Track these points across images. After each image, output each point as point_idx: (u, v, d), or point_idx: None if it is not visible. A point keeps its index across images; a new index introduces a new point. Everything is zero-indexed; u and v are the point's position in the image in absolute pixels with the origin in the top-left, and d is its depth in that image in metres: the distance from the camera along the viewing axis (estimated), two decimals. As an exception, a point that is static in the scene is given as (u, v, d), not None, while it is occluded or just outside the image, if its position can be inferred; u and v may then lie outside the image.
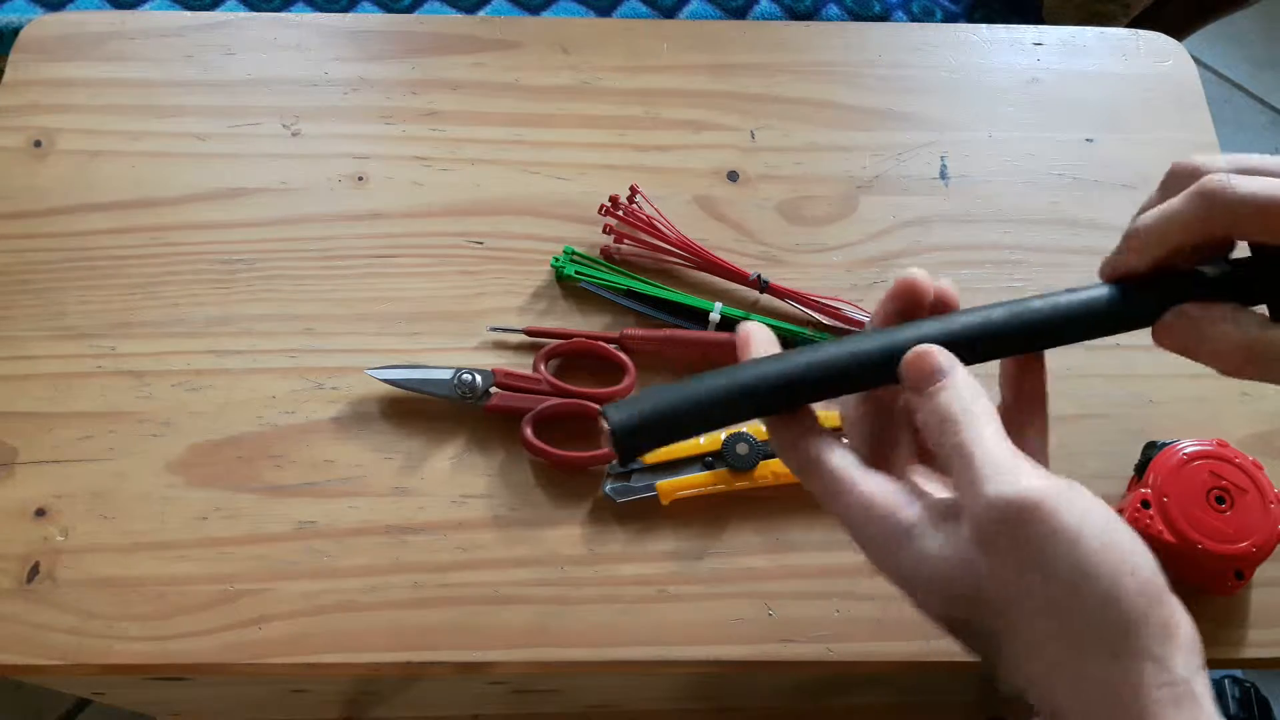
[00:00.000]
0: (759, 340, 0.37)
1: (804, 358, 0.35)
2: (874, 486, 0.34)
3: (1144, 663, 0.29)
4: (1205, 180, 0.34)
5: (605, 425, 0.35)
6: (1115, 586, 0.29)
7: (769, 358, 0.36)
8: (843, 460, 0.35)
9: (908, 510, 0.33)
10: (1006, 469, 0.31)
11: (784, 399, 0.36)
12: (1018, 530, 0.30)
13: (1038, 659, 0.30)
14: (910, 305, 0.37)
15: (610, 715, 0.81)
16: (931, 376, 0.34)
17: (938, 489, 0.35)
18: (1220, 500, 0.49)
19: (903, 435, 0.39)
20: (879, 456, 0.38)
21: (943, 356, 0.34)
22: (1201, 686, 0.29)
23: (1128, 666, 0.29)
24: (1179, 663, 0.29)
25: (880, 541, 0.34)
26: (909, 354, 0.34)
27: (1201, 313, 0.35)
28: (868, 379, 0.36)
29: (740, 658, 0.50)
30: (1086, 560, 0.29)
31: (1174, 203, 0.35)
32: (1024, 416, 0.37)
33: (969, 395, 0.33)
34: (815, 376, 0.35)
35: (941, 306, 0.37)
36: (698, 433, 0.36)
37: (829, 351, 0.35)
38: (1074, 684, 0.30)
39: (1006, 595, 0.30)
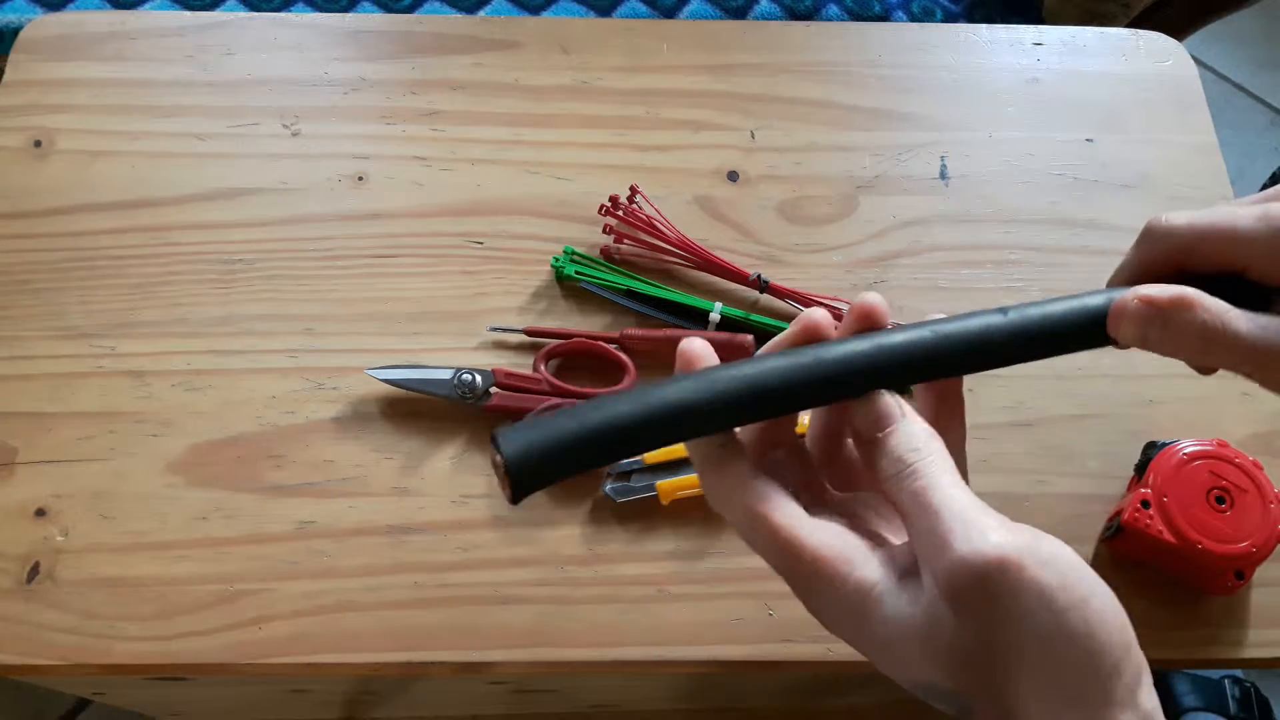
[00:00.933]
0: (704, 360, 0.34)
1: (735, 373, 0.32)
2: (823, 545, 0.32)
3: (1120, 711, 0.29)
4: (1148, 221, 0.36)
5: (496, 456, 0.30)
6: (1090, 642, 0.29)
7: (687, 375, 0.33)
8: (789, 514, 0.32)
9: (865, 570, 0.31)
10: (972, 523, 0.29)
11: (709, 422, 0.32)
12: (990, 589, 0.29)
13: (1010, 714, 0.30)
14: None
15: (610, 715, 0.81)
16: (879, 422, 0.32)
17: (872, 522, 0.35)
18: (1220, 500, 0.49)
19: (818, 473, 0.37)
20: (801, 499, 0.35)
21: (890, 401, 0.33)
22: (1159, 712, 0.30)
23: (1100, 715, 0.29)
24: (1145, 700, 0.29)
25: (837, 608, 0.32)
26: (861, 402, 0.33)
27: (1165, 297, 0.33)
28: (800, 402, 0.33)
29: (740, 658, 0.50)
30: (1061, 618, 0.29)
31: (1128, 251, 0.37)
32: (944, 420, 0.35)
33: (922, 438, 0.32)
34: (750, 394, 0.32)
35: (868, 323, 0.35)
36: (609, 461, 0.32)
37: (750, 371, 0.33)
38: None
39: (977, 655, 0.29)
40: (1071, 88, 0.68)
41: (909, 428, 0.32)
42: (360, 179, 0.61)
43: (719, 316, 0.57)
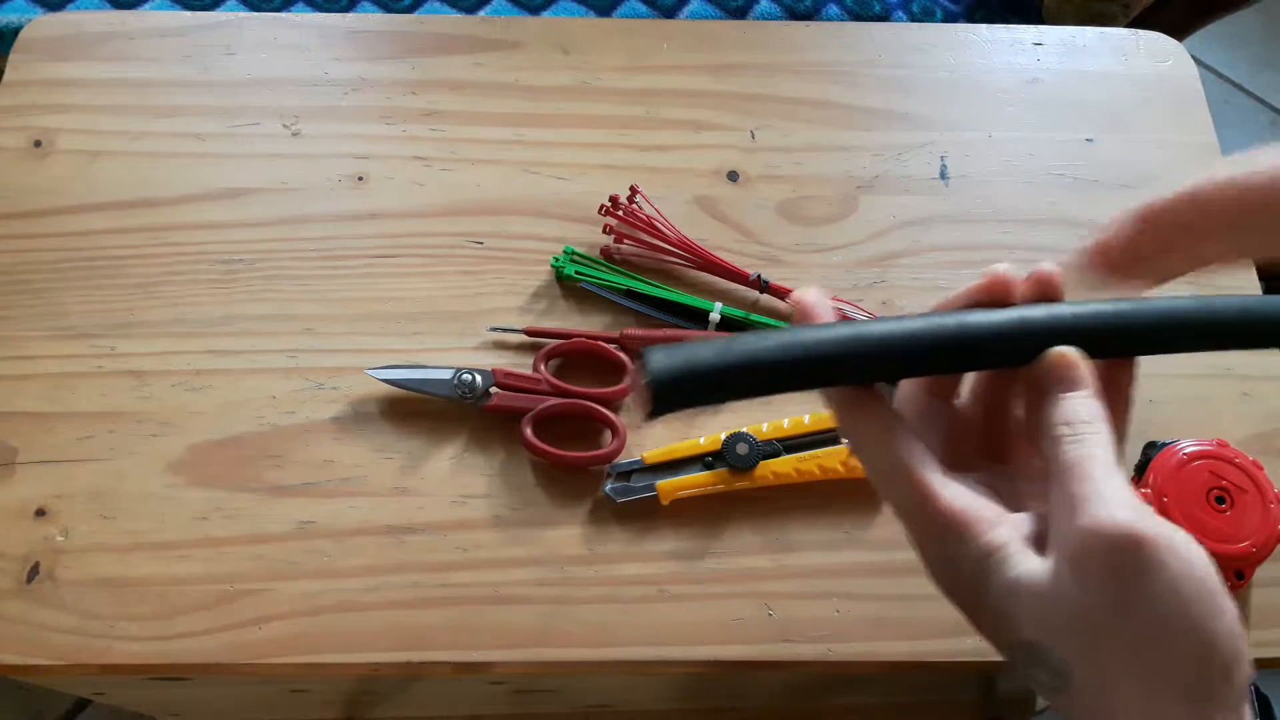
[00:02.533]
0: (822, 311, 0.34)
1: (885, 328, 0.32)
2: (958, 501, 0.32)
3: (1218, 711, 0.29)
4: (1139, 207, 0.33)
5: (642, 373, 0.31)
6: (1207, 634, 0.29)
7: (838, 324, 0.33)
8: (928, 469, 0.32)
9: (995, 531, 0.31)
10: (1117, 498, 0.30)
11: (852, 372, 0.32)
12: (1122, 561, 0.29)
13: (1111, 694, 0.30)
14: (996, 301, 0.35)
15: (610, 715, 0.81)
16: (1069, 384, 0.32)
17: (1015, 499, 0.34)
18: (1220, 500, 0.49)
19: (971, 438, 0.37)
20: (947, 458, 0.35)
21: (1085, 368, 0.33)
22: None
23: (1202, 714, 0.29)
24: (1245, 712, 0.29)
25: (960, 563, 0.32)
26: (1054, 353, 0.33)
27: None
28: (981, 359, 0.33)
29: (740, 658, 0.50)
30: (1186, 604, 0.29)
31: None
32: (1109, 415, 0.34)
33: (1097, 412, 0.32)
34: (899, 350, 0.32)
35: (1041, 291, 0.35)
36: (746, 396, 0.32)
37: (913, 325, 0.32)
38: None
39: (1093, 625, 0.29)
40: (1071, 88, 0.68)
41: (1091, 400, 0.32)
42: (360, 179, 0.61)
43: (719, 316, 0.57)
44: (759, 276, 0.58)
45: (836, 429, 0.35)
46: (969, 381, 0.38)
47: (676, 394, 0.31)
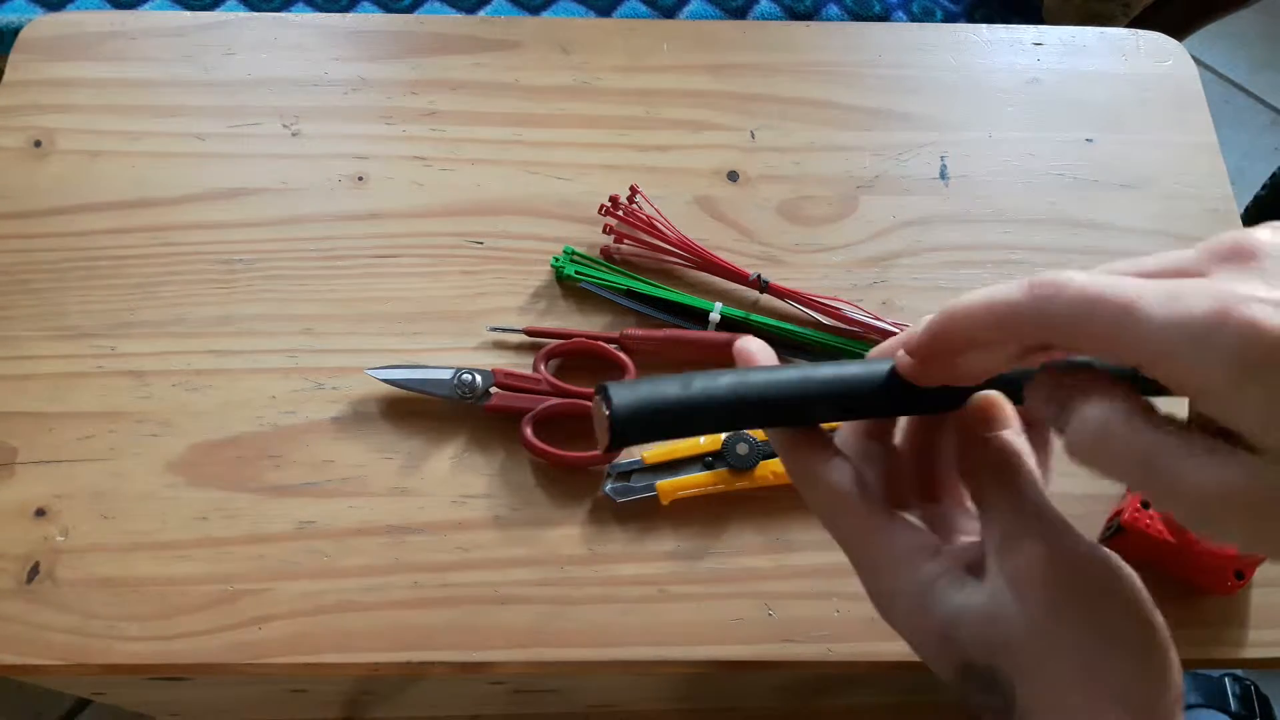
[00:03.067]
0: (762, 358, 0.35)
1: (829, 371, 0.33)
2: (898, 534, 0.33)
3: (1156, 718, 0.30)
4: (1029, 281, 0.27)
5: (603, 408, 0.31)
6: (1140, 645, 0.30)
7: (786, 366, 0.34)
8: (868, 504, 0.34)
9: (934, 561, 0.33)
10: (1056, 523, 0.32)
11: (802, 412, 0.33)
12: (1057, 579, 0.30)
13: (1055, 708, 0.30)
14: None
15: (610, 715, 0.81)
16: (995, 423, 0.34)
17: (950, 533, 0.36)
18: (1220, 500, 0.49)
19: (906, 477, 0.38)
20: (885, 497, 0.36)
21: (1009, 409, 0.34)
22: None
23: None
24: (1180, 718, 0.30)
25: (902, 594, 0.33)
26: (979, 396, 0.34)
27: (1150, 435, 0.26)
28: (917, 404, 0.34)
29: (740, 658, 0.50)
30: (1117, 616, 0.30)
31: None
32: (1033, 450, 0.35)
33: (1025, 448, 0.34)
34: (844, 392, 0.33)
35: None
36: (700, 433, 0.33)
37: (854, 370, 0.33)
38: None
39: (1040, 644, 0.30)
40: (1071, 88, 0.68)
41: (1016, 437, 0.34)
42: (360, 179, 0.61)
43: (719, 316, 0.57)
44: (759, 276, 0.58)
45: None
46: (901, 425, 0.39)
47: (636, 428, 0.32)
